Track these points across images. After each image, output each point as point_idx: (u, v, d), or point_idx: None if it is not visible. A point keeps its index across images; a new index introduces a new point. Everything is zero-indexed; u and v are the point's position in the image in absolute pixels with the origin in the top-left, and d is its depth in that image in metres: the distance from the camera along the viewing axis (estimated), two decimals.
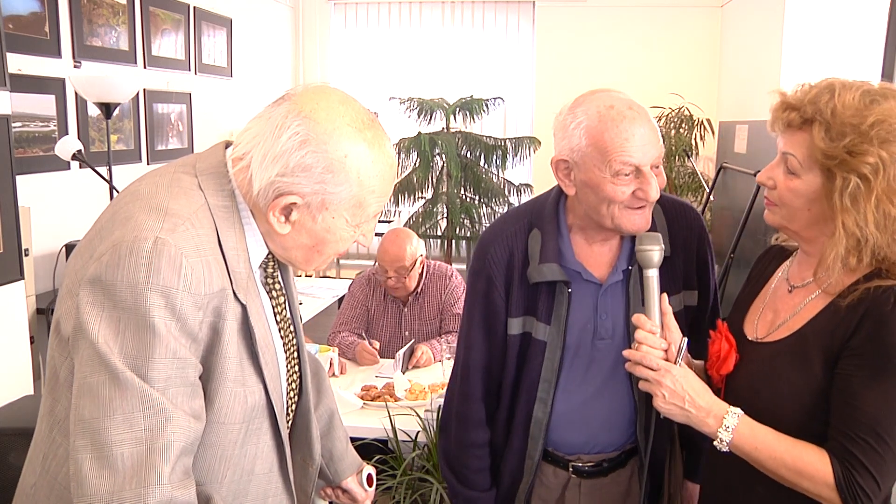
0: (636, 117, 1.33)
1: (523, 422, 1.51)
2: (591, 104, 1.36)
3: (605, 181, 1.34)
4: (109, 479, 0.91)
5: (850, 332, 1.14)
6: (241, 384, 1.07)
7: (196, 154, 1.12)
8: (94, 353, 0.93)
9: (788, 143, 1.21)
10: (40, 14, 3.52)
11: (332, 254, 1.12)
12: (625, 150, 1.31)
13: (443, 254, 5.96)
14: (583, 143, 1.35)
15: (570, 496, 1.55)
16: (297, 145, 1.00)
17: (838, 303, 1.17)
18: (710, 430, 1.20)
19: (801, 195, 1.19)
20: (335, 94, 1.06)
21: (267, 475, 1.17)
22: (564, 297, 1.45)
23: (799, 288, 1.27)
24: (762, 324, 1.31)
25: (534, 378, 1.48)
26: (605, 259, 1.48)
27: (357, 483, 1.50)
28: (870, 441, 1.11)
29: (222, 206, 1.05)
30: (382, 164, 1.06)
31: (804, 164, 1.18)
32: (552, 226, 1.47)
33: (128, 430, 0.92)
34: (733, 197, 3.67)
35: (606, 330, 1.47)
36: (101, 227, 1.03)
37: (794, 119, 1.19)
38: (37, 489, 1.07)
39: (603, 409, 1.50)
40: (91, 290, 0.94)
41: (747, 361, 1.28)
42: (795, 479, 1.15)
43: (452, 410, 1.59)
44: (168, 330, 0.95)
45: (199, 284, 0.98)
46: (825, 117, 1.14)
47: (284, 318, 1.21)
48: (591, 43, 6.22)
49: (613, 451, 1.54)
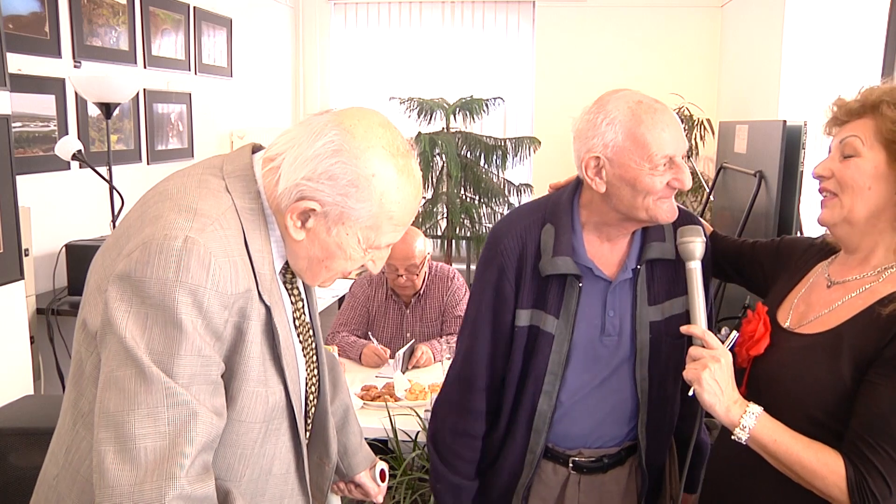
0: (665, 110, 1.39)
1: (527, 415, 1.52)
2: (620, 101, 1.40)
3: (642, 173, 1.37)
4: (132, 471, 0.92)
5: (885, 341, 1.15)
6: (263, 384, 1.08)
7: (222, 156, 1.13)
8: (122, 347, 0.94)
9: (847, 129, 1.25)
10: (40, 14, 3.52)
11: (338, 272, 1.13)
12: (662, 140, 1.36)
13: (443, 254, 5.96)
14: (619, 138, 1.38)
15: (570, 493, 1.56)
16: (329, 153, 1.02)
17: (878, 309, 1.17)
18: (733, 417, 1.21)
19: (863, 173, 1.21)
20: (378, 117, 1.08)
21: (284, 476, 1.18)
22: (575, 291, 1.47)
23: (838, 284, 1.28)
24: (795, 314, 1.32)
25: (540, 371, 1.49)
26: (616, 258, 1.51)
27: (370, 478, 1.53)
28: (888, 449, 1.13)
29: (249, 209, 1.07)
30: (407, 193, 1.08)
31: (867, 141, 1.21)
32: (566, 222, 1.49)
33: (151, 425, 0.93)
34: (733, 197, 3.67)
35: (614, 327, 1.49)
36: (128, 225, 1.04)
37: (854, 106, 1.24)
38: (59, 480, 1.08)
39: (606, 403, 1.52)
40: (120, 286, 0.96)
41: (777, 348, 1.29)
42: (808, 477, 1.17)
43: (450, 398, 1.60)
44: (194, 328, 0.97)
45: (227, 284, 0.99)
46: (892, 96, 1.20)
47: (303, 322, 1.22)
48: (591, 43, 6.22)
49: (613, 447, 1.55)
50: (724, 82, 6.03)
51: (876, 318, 1.17)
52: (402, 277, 2.97)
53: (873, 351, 1.16)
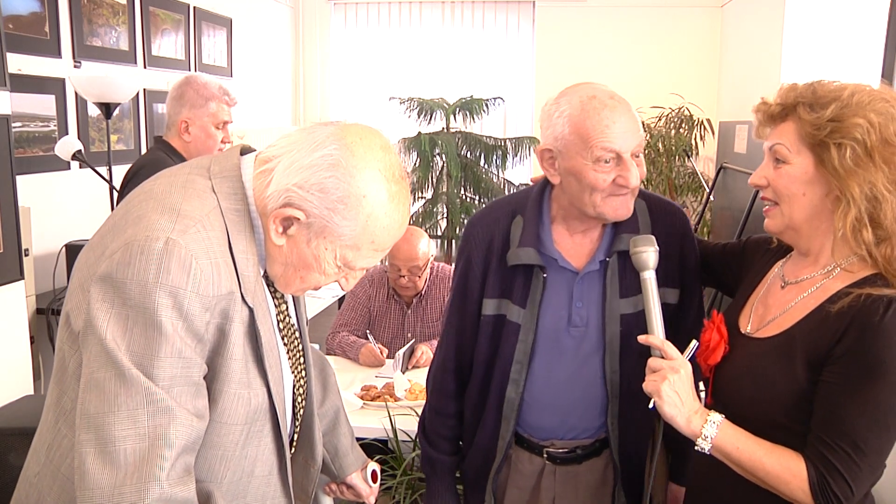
0: (616, 106, 1.38)
1: (496, 402, 1.56)
2: (574, 95, 1.41)
3: (586, 168, 1.38)
4: (111, 473, 0.92)
5: (835, 339, 1.14)
6: (246, 386, 1.08)
7: (210, 156, 1.13)
8: (102, 349, 0.94)
9: (774, 135, 1.24)
10: (40, 14, 3.52)
11: (312, 284, 1.13)
12: (605, 136, 1.35)
13: (443, 254, 5.96)
14: (566, 131, 1.39)
15: (546, 483, 1.59)
16: (325, 166, 1.01)
17: (828, 308, 1.17)
18: (694, 428, 1.21)
19: (794, 179, 1.21)
20: (380, 138, 1.08)
21: (266, 478, 1.18)
22: (539, 281, 1.49)
23: (792, 284, 1.28)
24: (754, 318, 1.32)
25: (507, 359, 1.53)
26: (585, 249, 1.52)
27: (362, 479, 1.53)
28: (847, 450, 1.12)
29: (234, 210, 1.06)
30: (394, 220, 1.07)
31: (792, 147, 1.20)
32: (534, 213, 1.52)
33: (131, 427, 0.93)
34: (733, 197, 3.66)
35: (581, 318, 1.50)
36: (113, 223, 1.04)
37: (775, 110, 1.23)
38: (40, 478, 1.08)
39: (575, 395, 1.53)
40: (102, 287, 0.96)
41: (736, 355, 1.29)
42: (773, 483, 1.17)
43: (432, 379, 1.69)
44: (175, 329, 0.96)
45: (208, 286, 0.99)
46: (807, 98, 1.19)
47: (288, 324, 1.22)
48: (591, 43, 6.23)
49: (586, 439, 1.57)
50: (724, 82, 6.03)
51: (825, 317, 1.17)
52: (404, 278, 2.97)
53: (825, 350, 1.15)
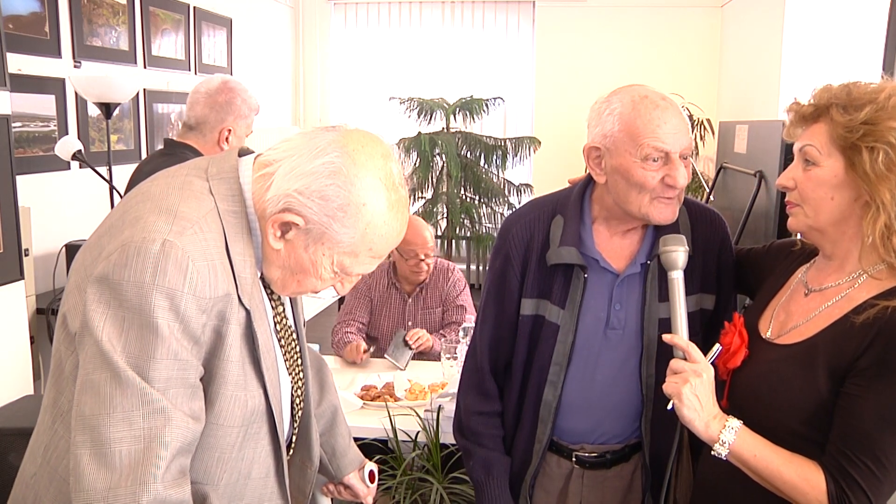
0: (668, 107, 1.39)
1: (533, 404, 1.54)
2: (626, 94, 1.41)
3: (635, 166, 1.37)
4: (107, 475, 0.92)
5: (860, 351, 1.13)
6: (243, 388, 1.08)
7: (208, 157, 1.12)
8: (98, 350, 0.94)
9: (805, 136, 1.22)
10: (40, 14, 3.52)
11: (308, 288, 1.13)
12: (656, 134, 1.36)
13: (443, 253, 5.97)
14: (615, 128, 1.39)
15: (574, 487, 1.57)
16: (327, 173, 1.01)
17: (852, 318, 1.15)
18: (712, 433, 1.19)
19: (823, 183, 1.18)
20: (381, 146, 1.08)
21: (263, 480, 1.17)
22: (580, 282, 1.48)
23: (816, 292, 1.25)
24: (775, 324, 1.30)
25: (545, 360, 1.51)
26: (626, 252, 1.50)
27: (359, 479, 1.52)
28: (868, 463, 1.11)
29: (231, 212, 1.06)
30: (392, 228, 1.07)
31: (823, 150, 1.18)
32: (575, 214, 1.50)
33: (127, 429, 0.93)
34: (733, 197, 3.66)
35: (619, 320, 1.49)
36: (110, 224, 1.04)
37: (807, 111, 1.21)
38: (37, 479, 1.08)
39: (612, 399, 1.52)
40: (98, 289, 0.96)
41: (756, 360, 1.27)
42: (789, 492, 1.15)
43: (465, 380, 1.64)
44: (171, 331, 0.96)
45: (205, 288, 0.99)
46: (840, 99, 1.17)
47: (285, 326, 1.22)
48: (591, 43, 6.23)
49: (617, 444, 1.55)
50: (724, 82, 6.04)
51: (850, 328, 1.14)
52: (422, 262, 3.07)
53: (848, 361, 1.13)
